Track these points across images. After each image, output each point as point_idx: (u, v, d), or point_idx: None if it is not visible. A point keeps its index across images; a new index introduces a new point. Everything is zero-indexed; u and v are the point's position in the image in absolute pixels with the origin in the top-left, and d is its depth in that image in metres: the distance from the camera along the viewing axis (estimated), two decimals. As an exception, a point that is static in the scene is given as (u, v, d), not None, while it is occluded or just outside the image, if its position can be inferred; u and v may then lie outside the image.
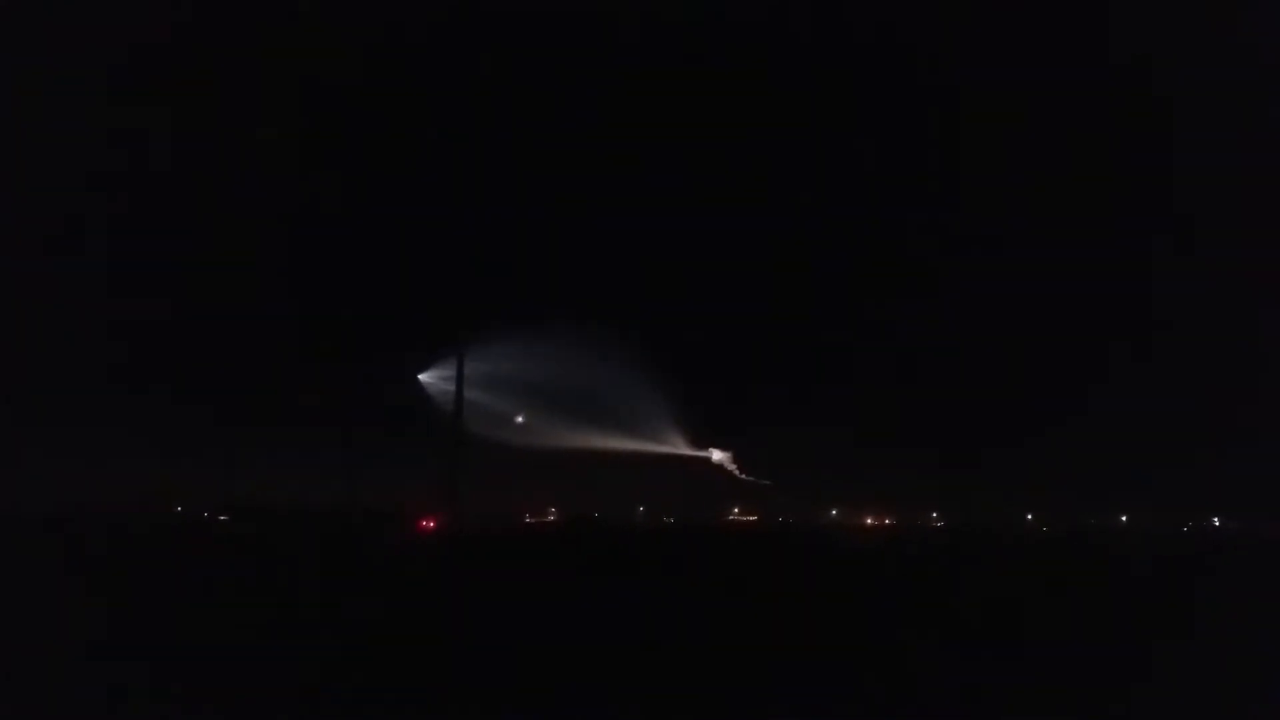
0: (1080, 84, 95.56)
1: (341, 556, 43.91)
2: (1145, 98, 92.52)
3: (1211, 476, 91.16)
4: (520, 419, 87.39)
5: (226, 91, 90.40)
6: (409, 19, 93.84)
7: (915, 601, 28.12)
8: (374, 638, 19.20)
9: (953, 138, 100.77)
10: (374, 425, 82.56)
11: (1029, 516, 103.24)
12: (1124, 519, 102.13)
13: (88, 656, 16.70)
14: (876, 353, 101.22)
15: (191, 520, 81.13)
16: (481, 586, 30.33)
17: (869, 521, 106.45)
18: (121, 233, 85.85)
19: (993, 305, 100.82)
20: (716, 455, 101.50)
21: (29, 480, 74.15)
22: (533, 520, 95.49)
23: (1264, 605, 27.41)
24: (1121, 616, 24.95)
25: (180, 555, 42.89)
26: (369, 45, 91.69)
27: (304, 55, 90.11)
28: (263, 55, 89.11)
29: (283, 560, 41.20)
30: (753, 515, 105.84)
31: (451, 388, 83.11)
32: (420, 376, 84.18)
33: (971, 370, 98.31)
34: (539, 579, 33.55)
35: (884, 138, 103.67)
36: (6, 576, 29.63)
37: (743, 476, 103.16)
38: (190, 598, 25.64)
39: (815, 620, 23.37)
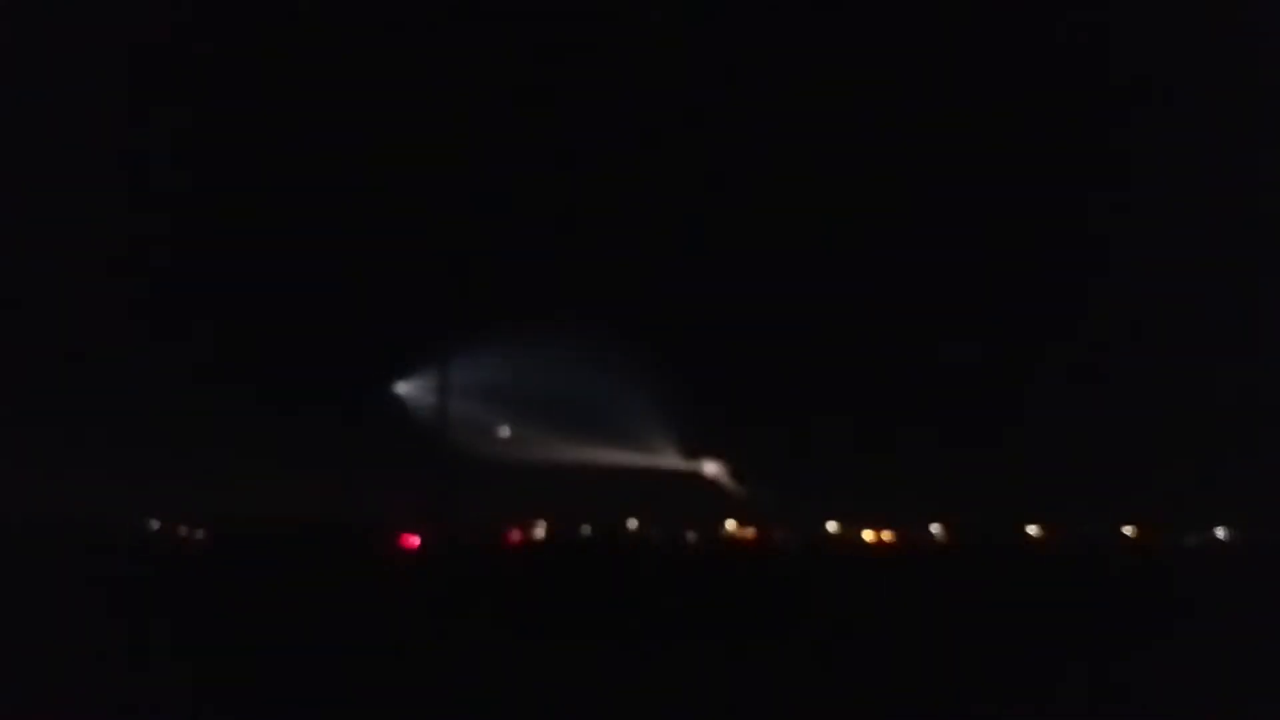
0: (1078, 83, 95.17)
1: (323, 573, 42.78)
2: (1145, 97, 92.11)
3: (1214, 486, 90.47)
4: (505, 431, 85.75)
5: (205, 96, 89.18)
6: (391, 21, 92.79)
7: (924, 616, 26.89)
8: (357, 656, 18.06)
9: (950, 137, 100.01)
10: (354, 436, 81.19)
11: (1031, 528, 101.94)
12: (1127, 530, 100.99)
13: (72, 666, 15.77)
14: (877, 362, 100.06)
15: (166, 533, 79.78)
16: (468, 603, 29.45)
17: (869, 534, 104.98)
18: (95, 238, 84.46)
19: (991, 311, 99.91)
20: (711, 467, 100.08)
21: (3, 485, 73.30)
22: (520, 534, 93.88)
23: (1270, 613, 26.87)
24: (1136, 630, 24.04)
25: (154, 568, 41.99)
26: (348, 47, 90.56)
27: (285, 58, 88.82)
28: (245, 58, 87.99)
29: (260, 575, 40.28)
30: (749, 528, 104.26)
31: (433, 399, 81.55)
32: (400, 386, 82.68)
33: (970, 381, 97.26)
34: (527, 595, 32.69)
35: (878, 138, 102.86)
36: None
37: (738, 488, 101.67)
38: (163, 615, 24.50)
39: (820, 638, 22.11)
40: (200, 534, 77.27)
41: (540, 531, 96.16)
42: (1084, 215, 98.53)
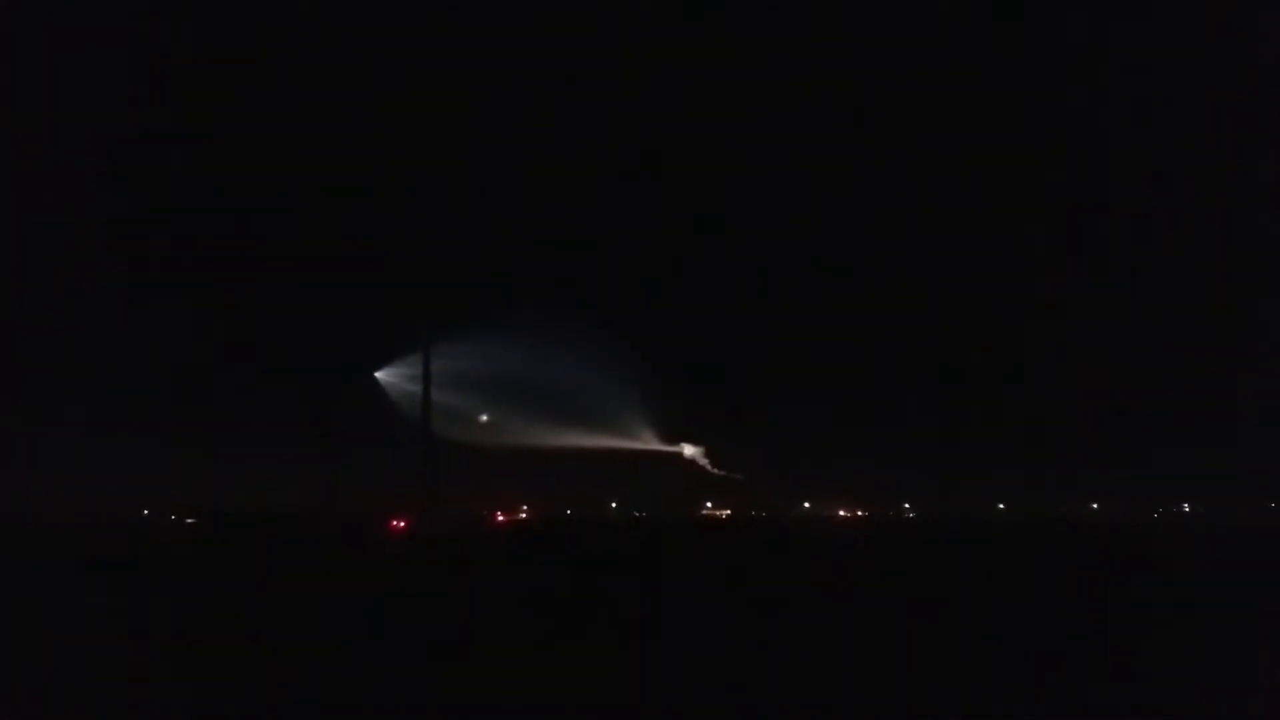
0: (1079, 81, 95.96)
1: (312, 560, 42.74)
2: (1145, 96, 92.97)
3: (1179, 463, 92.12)
4: (484, 418, 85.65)
5: (192, 93, 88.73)
6: (377, 16, 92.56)
7: (898, 596, 27.49)
8: (350, 640, 18.36)
9: (934, 132, 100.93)
10: (337, 425, 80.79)
11: (1000, 506, 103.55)
12: (1094, 506, 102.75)
13: (64, 659, 15.94)
14: (847, 348, 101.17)
15: (159, 524, 79.21)
16: (455, 587, 29.60)
17: (841, 513, 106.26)
18: (81, 238, 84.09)
19: (960, 297, 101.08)
20: (688, 450, 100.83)
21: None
22: (505, 518, 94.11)
23: (1248, 589, 27.27)
24: (1108, 605, 24.65)
25: (148, 559, 41.95)
26: (337, 44, 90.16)
27: (273, 56, 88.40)
28: (238, 57, 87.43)
29: (252, 563, 40.06)
30: (725, 510, 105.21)
31: (412, 386, 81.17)
32: (378, 374, 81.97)
33: (940, 363, 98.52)
34: (514, 578, 32.88)
35: (862, 132, 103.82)
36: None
37: (715, 471, 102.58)
38: (158, 602, 24.69)
39: (801, 618, 22.64)
40: (196, 523, 77.12)
41: (524, 514, 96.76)
42: (1064, 210, 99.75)
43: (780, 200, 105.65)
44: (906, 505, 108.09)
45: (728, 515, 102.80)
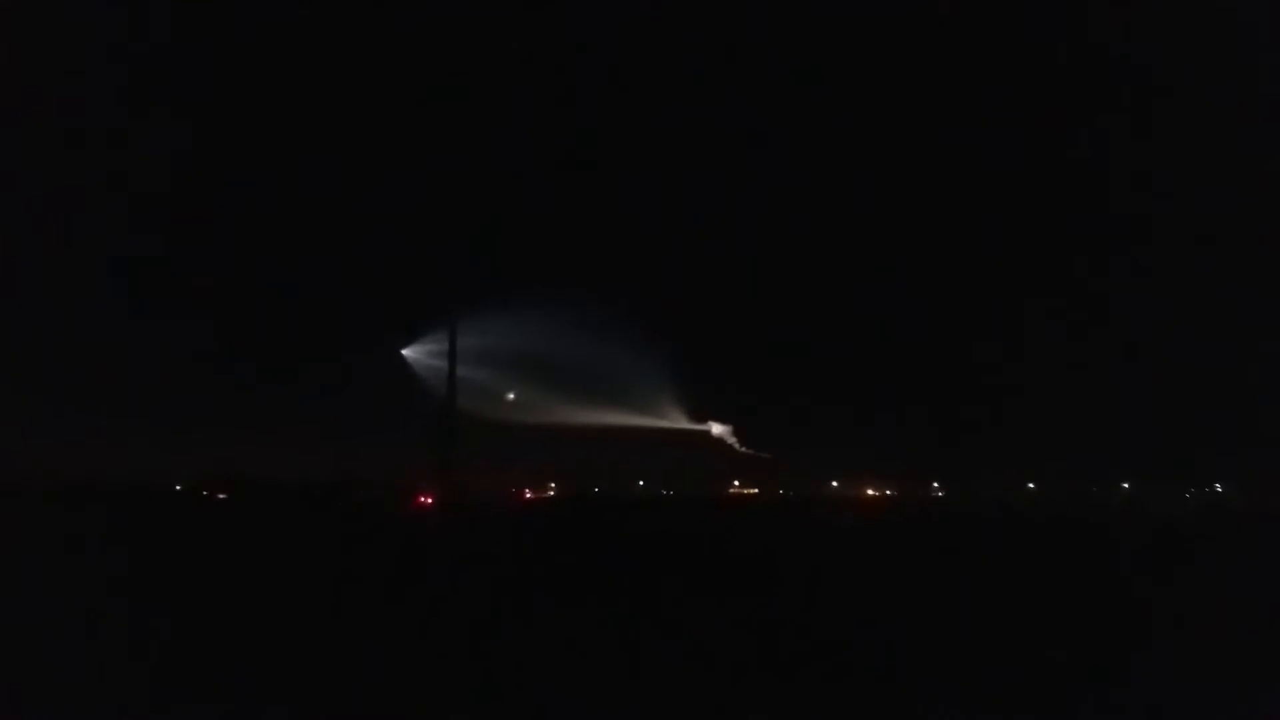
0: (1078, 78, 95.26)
1: (341, 535, 43.39)
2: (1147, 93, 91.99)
3: (1212, 445, 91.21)
4: (511, 396, 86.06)
5: (209, 72, 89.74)
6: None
7: (924, 584, 27.31)
8: (379, 622, 18.58)
9: (945, 126, 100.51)
10: (364, 400, 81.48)
11: (1030, 485, 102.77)
12: (1125, 486, 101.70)
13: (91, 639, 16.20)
14: (875, 327, 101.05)
15: (190, 497, 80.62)
16: (481, 566, 29.80)
17: (870, 493, 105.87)
18: (107, 209, 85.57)
19: (989, 278, 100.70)
20: (716, 428, 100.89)
21: (23, 452, 73.45)
22: (532, 496, 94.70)
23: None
24: (1137, 595, 24.42)
25: (185, 536, 42.53)
26: (357, 19, 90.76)
27: (295, 30, 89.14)
28: (271, 29, 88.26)
29: (285, 541, 40.69)
30: (753, 489, 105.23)
31: (439, 362, 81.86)
32: (405, 351, 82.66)
33: (970, 343, 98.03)
34: (541, 558, 33.01)
35: (882, 122, 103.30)
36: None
37: (742, 450, 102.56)
38: (198, 580, 25.15)
39: (822, 606, 22.64)
40: (224, 498, 78.49)
41: (551, 491, 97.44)
42: (1071, 205, 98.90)
43: (808, 181, 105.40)
44: (935, 485, 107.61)
45: (754, 493, 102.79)
